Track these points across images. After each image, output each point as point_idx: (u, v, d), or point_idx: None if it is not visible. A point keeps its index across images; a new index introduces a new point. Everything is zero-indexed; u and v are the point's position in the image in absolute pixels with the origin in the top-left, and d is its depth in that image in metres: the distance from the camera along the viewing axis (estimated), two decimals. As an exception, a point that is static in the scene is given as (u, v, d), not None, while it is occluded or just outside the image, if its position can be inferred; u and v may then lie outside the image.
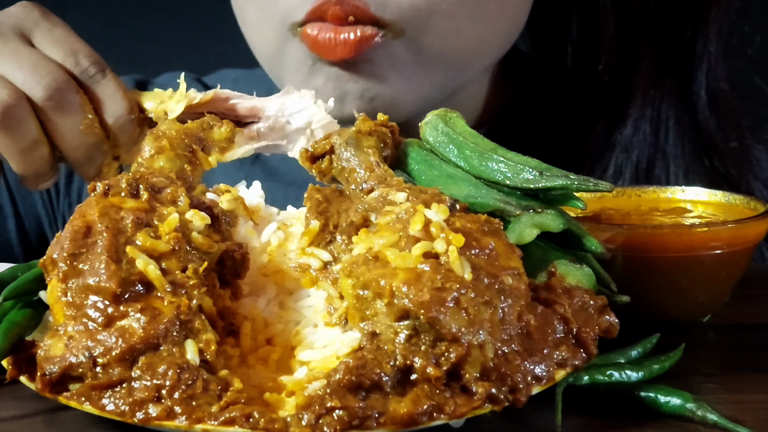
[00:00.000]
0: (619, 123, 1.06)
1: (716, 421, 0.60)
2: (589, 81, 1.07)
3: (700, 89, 1.06)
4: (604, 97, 1.07)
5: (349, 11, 0.90)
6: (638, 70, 1.06)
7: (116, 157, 0.82)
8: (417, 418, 0.54)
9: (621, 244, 0.74)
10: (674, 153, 1.06)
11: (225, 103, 0.80)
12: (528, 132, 1.09)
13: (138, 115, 0.80)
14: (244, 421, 0.54)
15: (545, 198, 0.68)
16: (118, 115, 0.79)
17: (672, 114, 1.06)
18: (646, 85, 1.06)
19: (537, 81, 1.14)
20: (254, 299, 0.65)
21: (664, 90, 1.06)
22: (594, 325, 0.63)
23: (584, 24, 1.07)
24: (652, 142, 1.06)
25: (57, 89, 0.77)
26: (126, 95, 0.80)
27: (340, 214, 0.66)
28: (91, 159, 0.81)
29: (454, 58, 0.97)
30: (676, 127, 1.06)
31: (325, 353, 0.60)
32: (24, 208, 1.14)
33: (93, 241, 0.60)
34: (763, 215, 0.76)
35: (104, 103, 0.79)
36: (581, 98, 1.08)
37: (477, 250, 0.59)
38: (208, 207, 0.65)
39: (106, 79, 0.80)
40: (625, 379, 0.64)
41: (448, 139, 0.73)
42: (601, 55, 1.06)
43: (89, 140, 0.79)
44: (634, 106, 1.06)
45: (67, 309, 0.59)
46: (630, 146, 1.06)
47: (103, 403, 0.56)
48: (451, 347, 0.56)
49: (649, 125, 1.06)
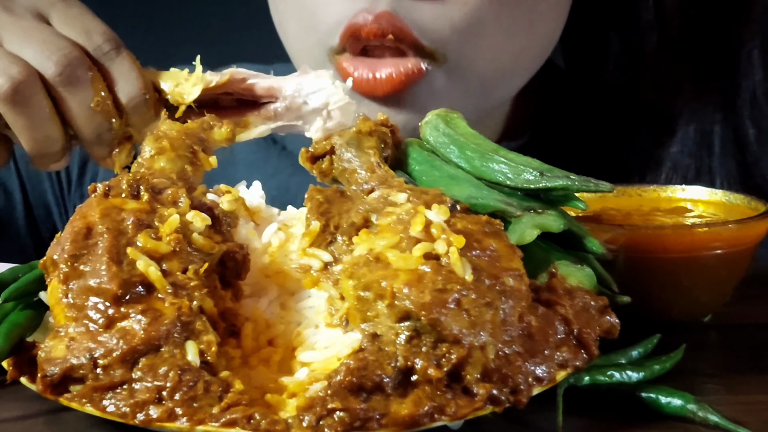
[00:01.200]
0: (666, 139, 1.05)
1: (718, 422, 0.60)
2: (630, 96, 1.06)
3: (744, 101, 1.04)
4: (647, 112, 1.06)
5: (387, 29, 0.88)
6: (682, 83, 1.05)
7: (129, 137, 0.80)
8: (418, 420, 0.54)
9: (622, 244, 0.74)
10: (719, 168, 1.05)
11: (242, 83, 0.78)
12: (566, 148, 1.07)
13: (153, 95, 0.79)
14: (245, 423, 0.54)
15: (546, 198, 0.68)
16: (132, 95, 0.78)
17: (717, 128, 1.05)
18: (690, 99, 1.04)
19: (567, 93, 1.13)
20: (255, 300, 0.65)
21: (708, 103, 1.05)
22: (595, 325, 0.63)
23: (625, 38, 1.06)
24: (698, 156, 1.05)
25: (68, 65, 0.76)
26: (141, 74, 0.79)
27: (341, 214, 0.66)
28: (102, 138, 0.79)
29: (489, 79, 0.95)
30: (721, 141, 1.05)
31: (326, 354, 0.60)
32: (34, 197, 1.13)
33: (94, 243, 0.60)
34: (764, 215, 0.76)
35: (118, 81, 0.78)
36: (621, 114, 1.07)
37: (478, 251, 0.59)
38: (208, 208, 0.65)
39: (120, 56, 0.78)
40: (626, 379, 0.64)
41: (449, 140, 0.73)
42: (643, 69, 1.05)
43: (101, 118, 0.78)
44: (680, 121, 1.04)
45: (68, 310, 0.59)
46: (678, 163, 1.05)
47: (104, 404, 0.56)
48: (452, 348, 0.56)
49: (694, 140, 1.05)
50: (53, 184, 1.13)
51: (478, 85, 0.95)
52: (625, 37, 1.06)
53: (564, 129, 1.11)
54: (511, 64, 0.97)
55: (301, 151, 0.73)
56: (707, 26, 1.04)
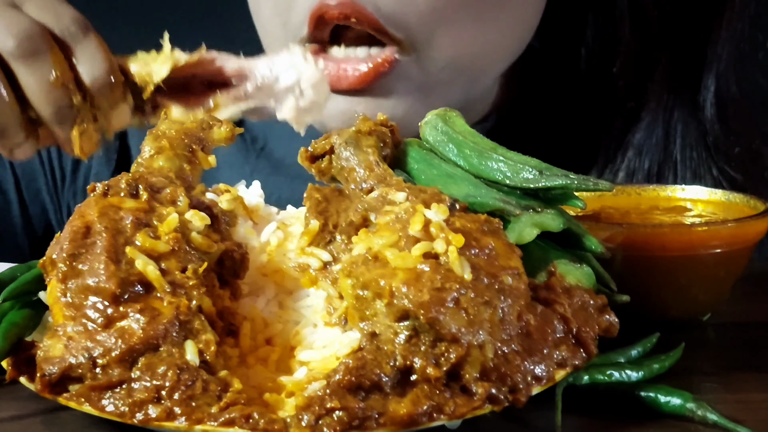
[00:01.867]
0: (633, 125, 1.06)
1: (716, 420, 0.60)
2: (603, 83, 1.07)
3: (708, 94, 1.06)
4: (618, 99, 1.07)
5: (349, 12, 0.89)
6: (653, 74, 1.06)
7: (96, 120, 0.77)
8: (417, 419, 0.54)
9: (621, 243, 0.74)
10: (681, 158, 1.06)
11: (212, 65, 0.77)
12: (535, 128, 1.09)
13: (120, 77, 0.77)
14: (243, 422, 0.54)
15: (545, 197, 0.68)
16: (95, 75, 0.76)
17: (681, 119, 1.06)
18: (659, 90, 1.06)
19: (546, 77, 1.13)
20: (254, 299, 0.65)
21: (676, 95, 1.06)
22: (594, 324, 0.63)
23: (599, 28, 1.08)
24: (663, 146, 1.06)
25: (25, 38, 0.74)
26: (108, 56, 0.77)
27: (339, 213, 0.66)
28: (63, 116, 0.77)
29: (465, 68, 0.96)
30: (684, 132, 1.06)
31: (324, 353, 0.60)
32: (29, 194, 1.12)
33: (92, 242, 0.60)
34: (763, 214, 0.76)
35: (82, 61, 0.76)
36: (595, 99, 1.08)
37: (477, 250, 0.59)
38: (207, 207, 0.65)
39: (87, 38, 0.76)
40: (625, 378, 0.64)
41: (447, 138, 0.73)
42: (616, 59, 1.06)
43: (60, 94, 0.75)
44: (648, 109, 1.06)
45: (67, 310, 0.59)
46: (642, 149, 1.06)
47: (102, 403, 0.56)
48: (450, 347, 0.56)
49: (661, 129, 1.06)
50: (48, 180, 1.12)
51: (455, 74, 0.95)
52: (600, 27, 1.08)
53: (531, 110, 1.11)
54: (488, 52, 0.97)
55: (301, 150, 0.73)
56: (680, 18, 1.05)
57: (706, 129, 1.06)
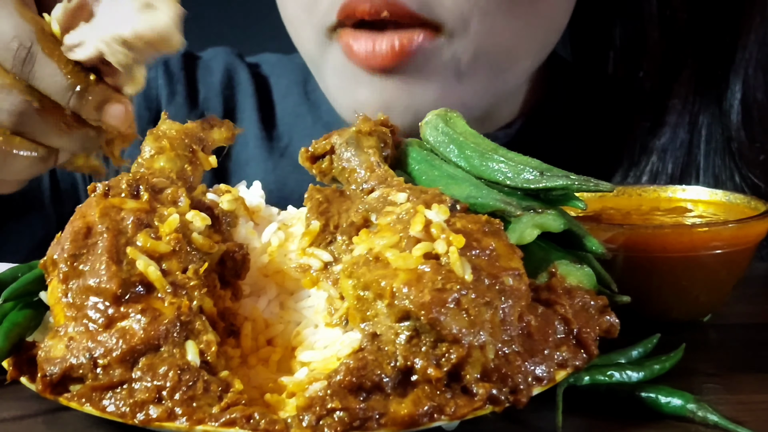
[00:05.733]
0: (658, 129, 1.06)
1: (717, 421, 0.60)
2: (630, 86, 1.07)
3: (733, 100, 1.05)
4: (644, 102, 1.07)
5: (381, 7, 0.89)
6: (679, 77, 1.06)
7: None
8: (418, 419, 0.54)
9: (622, 244, 0.74)
10: (705, 163, 1.06)
11: None
12: (560, 132, 1.09)
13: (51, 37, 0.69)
14: (244, 423, 0.54)
15: (546, 198, 0.68)
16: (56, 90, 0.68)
17: (705, 123, 1.06)
18: (685, 93, 1.06)
19: (573, 83, 1.14)
20: (255, 300, 0.65)
21: (702, 99, 1.06)
22: (595, 325, 0.63)
23: (628, 30, 1.08)
24: (687, 150, 1.06)
25: None
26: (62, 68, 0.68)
27: (340, 214, 0.66)
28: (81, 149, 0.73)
29: (494, 59, 0.96)
30: (708, 137, 1.06)
31: (325, 354, 0.60)
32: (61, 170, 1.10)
33: (93, 242, 0.60)
34: (764, 215, 0.76)
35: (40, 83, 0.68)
36: (621, 103, 1.08)
37: (478, 251, 0.59)
38: (208, 207, 0.65)
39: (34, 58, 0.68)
40: (626, 379, 0.64)
41: (448, 139, 0.73)
42: (643, 61, 1.07)
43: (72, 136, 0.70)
44: (673, 113, 1.06)
45: (68, 310, 0.59)
46: (666, 153, 1.06)
47: (103, 404, 0.56)
48: (451, 348, 0.56)
49: (686, 133, 1.06)
50: None
51: (484, 64, 0.95)
52: (629, 29, 1.08)
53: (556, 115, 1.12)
54: (515, 45, 0.97)
55: (301, 150, 0.73)
56: (709, 21, 1.05)
57: (731, 135, 1.06)
